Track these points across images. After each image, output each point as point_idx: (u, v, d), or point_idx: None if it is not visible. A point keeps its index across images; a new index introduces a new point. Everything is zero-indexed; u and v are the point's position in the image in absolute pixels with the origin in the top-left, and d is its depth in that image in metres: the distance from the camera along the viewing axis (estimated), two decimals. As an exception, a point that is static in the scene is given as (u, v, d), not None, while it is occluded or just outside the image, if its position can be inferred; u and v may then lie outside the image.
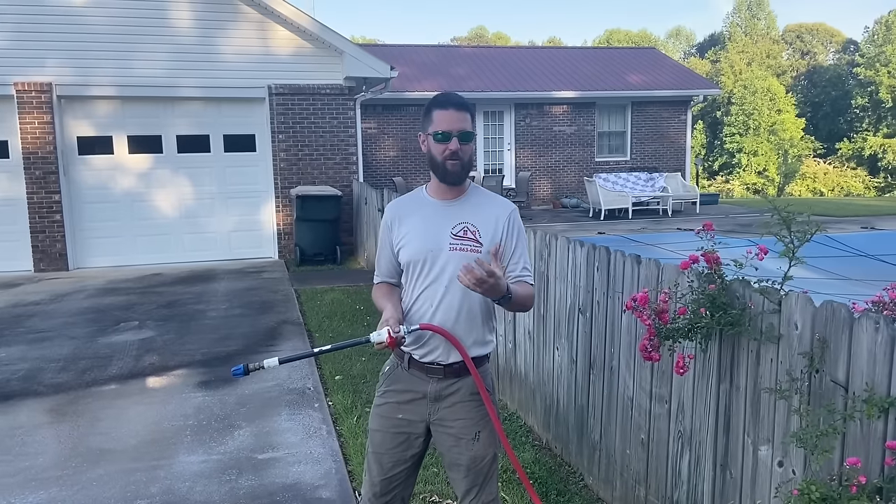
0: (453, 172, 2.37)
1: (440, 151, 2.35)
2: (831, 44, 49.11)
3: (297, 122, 11.03)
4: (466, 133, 2.35)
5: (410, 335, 2.29)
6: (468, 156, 2.38)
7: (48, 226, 10.27)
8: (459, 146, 2.33)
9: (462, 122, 2.35)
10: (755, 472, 2.47)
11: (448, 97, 2.40)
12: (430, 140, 2.37)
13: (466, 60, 19.85)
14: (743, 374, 2.51)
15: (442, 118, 2.34)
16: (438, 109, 2.36)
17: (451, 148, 2.33)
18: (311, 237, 10.54)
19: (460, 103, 2.38)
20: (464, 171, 2.39)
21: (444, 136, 2.33)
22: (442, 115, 2.35)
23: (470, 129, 2.36)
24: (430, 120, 2.37)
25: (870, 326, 1.97)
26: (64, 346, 6.45)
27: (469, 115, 2.38)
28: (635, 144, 18.91)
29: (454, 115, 2.34)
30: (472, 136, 2.38)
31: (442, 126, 2.34)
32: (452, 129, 2.33)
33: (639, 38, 52.74)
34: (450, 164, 2.35)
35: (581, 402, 3.81)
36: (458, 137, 2.33)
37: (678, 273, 2.78)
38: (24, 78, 9.99)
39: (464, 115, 2.36)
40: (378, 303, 2.50)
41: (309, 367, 5.75)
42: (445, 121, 2.34)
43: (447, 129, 2.33)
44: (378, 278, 2.58)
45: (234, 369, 2.30)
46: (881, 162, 36.50)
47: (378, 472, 2.50)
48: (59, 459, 4.14)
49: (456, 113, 2.35)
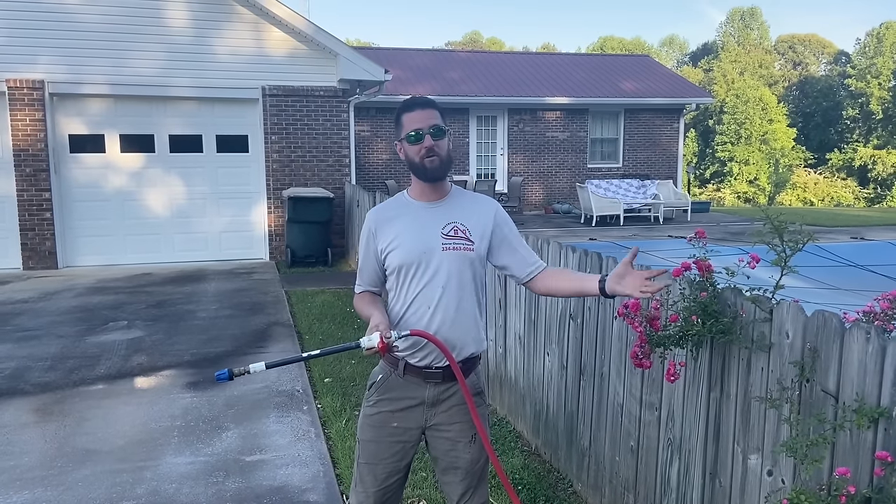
0: (433, 169, 2.35)
1: (416, 152, 2.34)
2: (823, 55, 49.50)
3: (291, 124, 11.01)
4: (438, 127, 2.34)
5: (401, 340, 2.27)
6: (445, 151, 2.37)
7: (38, 223, 10.20)
8: (433, 142, 2.33)
9: (431, 119, 2.34)
10: (744, 481, 2.47)
11: (412, 100, 2.40)
12: (406, 144, 2.37)
13: (460, 65, 19.87)
14: (733, 382, 2.51)
15: (411, 120, 2.35)
16: (406, 113, 2.37)
17: (426, 145, 2.33)
18: (302, 239, 10.51)
19: (425, 102, 2.39)
20: (443, 167, 2.37)
21: (416, 135, 2.33)
22: (410, 117, 2.35)
23: (440, 124, 2.35)
24: (400, 126, 2.38)
25: (861, 336, 1.97)
26: (51, 345, 6.39)
27: (437, 112, 2.37)
28: (628, 151, 18.97)
29: (421, 114, 2.35)
30: (444, 130, 2.36)
31: (412, 126, 2.34)
32: (423, 127, 2.33)
33: (632, 45, 52.98)
34: (428, 161, 2.34)
35: (571, 409, 3.81)
36: (429, 134, 2.33)
37: (670, 280, 2.78)
38: (16, 74, 9.93)
39: (431, 112, 2.36)
40: (363, 311, 2.45)
41: (298, 369, 5.73)
42: (415, 121, 2.35)
43: (417, 127, 2.33)
44: (360, 287, 2.54)
45: (217, 374, 2.18)
46: (871, 173, 36.80)
47: (373, 483, 2.46)
48: (44, 459, 4.10)
49: (422, 112, 2.35)
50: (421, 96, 2.45)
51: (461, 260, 2.37)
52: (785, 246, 2.31)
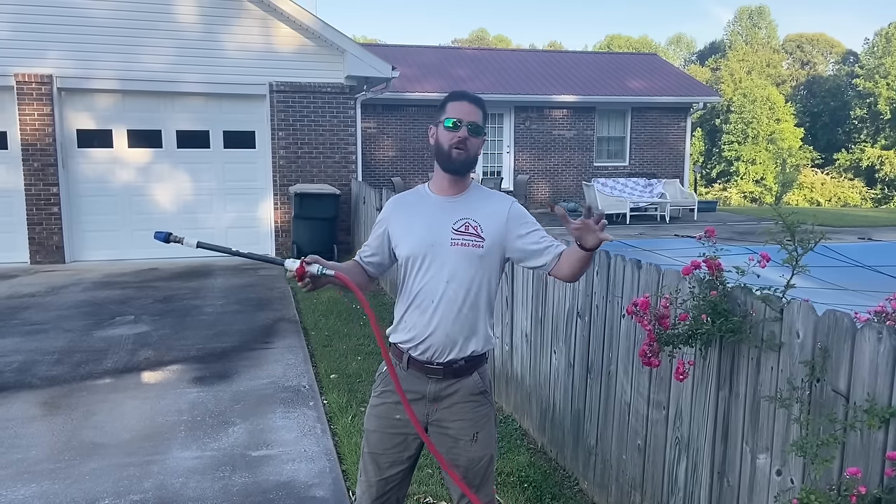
0: (457, 160, 2.36)
1: (448, 139, 2.35)
2: (831, 54, 49.27)
3: (298, 120, 11.02)
4: (477, 126, 2.36)
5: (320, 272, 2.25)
6: (475, 149, 2.38)
7: (45, 218, 10.23)
8: (468, 136, 2.34)
9: (474, 115, 2.36)
10: (753, 481, 2.47)
11: (465, 93, 2.42)
12: (440, 128, 2.38)
13: (467, 62, 19.85)
14: (743, 381, 2.50)
15: (455, 108, 2.37)
16: (453, 102, 2.38)
17: (460, 136, 2.34)
18: (308, 235, 10.52)
19: (476, 99, 2.41)
20: (467, 163, 2.39)
21: (454, 123, 2.34)
22: (455, 106, 2.37)
23: (480, 124, 2.37)
24: (443, 111, 2.39)
25: (872, 336, 1.96)
26: (59, 339, 6.42)
27: (482, 113, 2.40)
28: (634, 150, 18.92)
29: (467, 107, 2.36)
30: (483, 131, 2.38)
31: (453, 114, 2.35)
32: (463, 119, 2.34)
33: (639, 44, 52.81)
34: (455, 151, 2.35)
35: (578, 407, 3.80)
36: (467, 127, 2.34)
37: (679, 279, 2.77)
38: (25, 69, 9.96)
39: (476, 110, 2.38)
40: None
41: (304, 365, 5.74)
42: (458, 110, 2.36)
43: (458, 116, 2.35)
44: (356, 256, 2.57)
45: (155, 233, 2.34)
46: (878, 173, 36.63)
47: (375, 473, 2.48)
48: (51, 452, 4.11)
49: (469, 105, 2.37)
50: (473, 94, 2.44)
51: (469, 256, 2.37)
52: (796, 245, 2.31)
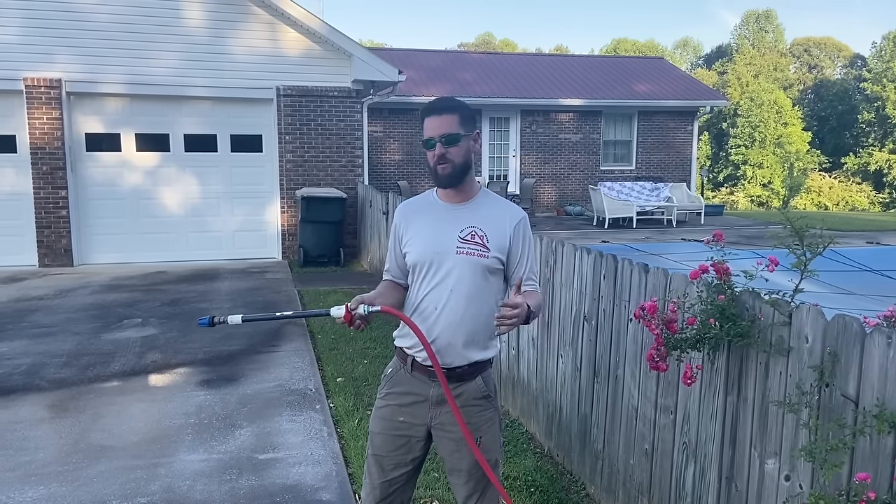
0: (444, 176, 2.38)
1: (430, 158, 2.39)
2: (839, 58, 49.14)
3: (305, 124, 11.05)
4: (449, 136, 2.35)
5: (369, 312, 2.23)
6: (459, 157, 2.37)
7: (54, 221, 10.28)
8: (445, 149, 2.34)
9: (443, 127, 2.35)
10: (761, 486, 2.46)
11: (430, 105, 2.40)
12: (425, 148, 2.41)
13: (473, 66, 19.86)
14: (751, 386, 2.49)
15: (427, 126, 2.38)
16: (425, 118, 2.39)
17: (437, 153, 2.35)
18: (315, 239, 10.54)
19: (440, 108, 2.39)
20: (456, 174, 2.39)
21: (428, 143, 2.37)
22: (427, 124, 2.38)
23: (453, 131, 2.35)
24: (423, 130, 2.41)
25: (882, 341, 1.96)
26: (67, 342, 6.44)
27: (454, 116, 2.37)
28: (641, 154, 18.89)
29: (435, 122, 2.36)
30: (458, 136, 2.36)
31: (427, 134, 2.38)
32: (434, 135, 2.35)
33: (646, 48, 52.78)
34: (440, 168, 2.37)
35: (584, 411, 3.79)
36: (440, 142, 2.35)
37: (686, 283, 2.77)
38: (34, 73, 10.02)
39: (444, 119, 2.36)
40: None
41: (311, 368, 5.75)
42: (429, 128, 2.37)
43: (430, 135, 2.37)
44: (386, 275, 2.60)
45: (199, 320, 2.37)
46: (886, 177, 36.48)
47: (378, 475, 2.49)
48: (59, 455, 4.13)
49: (437, 119, 2.37)
50: (441, 99, 2.45)
51: (474, 265, 2.37)
52: (805, 249, 2.30)
